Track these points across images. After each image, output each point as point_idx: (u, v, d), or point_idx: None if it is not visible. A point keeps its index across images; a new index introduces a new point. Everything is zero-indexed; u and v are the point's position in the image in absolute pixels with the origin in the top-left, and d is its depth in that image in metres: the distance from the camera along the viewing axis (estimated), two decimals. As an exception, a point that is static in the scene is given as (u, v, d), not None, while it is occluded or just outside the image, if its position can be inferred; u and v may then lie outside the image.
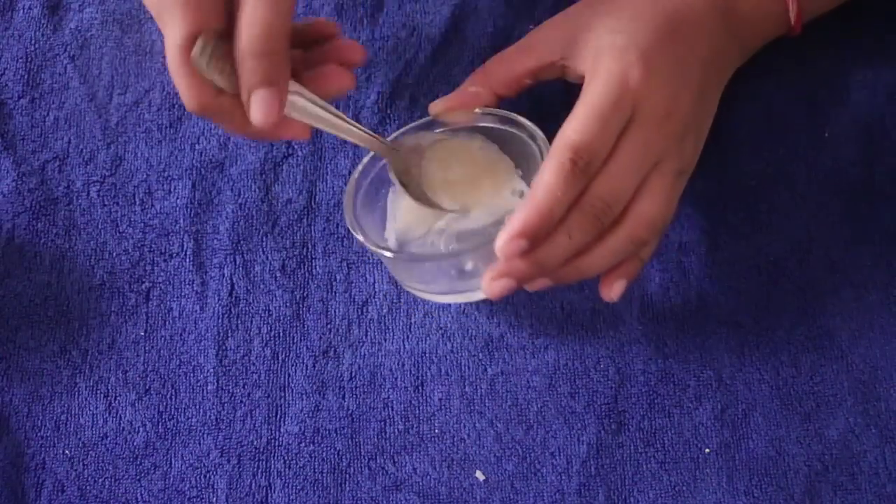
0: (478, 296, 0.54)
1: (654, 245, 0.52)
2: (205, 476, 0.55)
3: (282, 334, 0.57)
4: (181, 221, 0.60)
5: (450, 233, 0.56)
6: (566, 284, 0.55)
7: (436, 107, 0.56)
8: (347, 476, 0.55)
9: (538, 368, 0.56)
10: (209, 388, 0.57)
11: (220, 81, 0.48)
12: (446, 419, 0.56)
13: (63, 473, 0.56)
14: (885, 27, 0.60)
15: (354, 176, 0.55)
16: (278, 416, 0.56)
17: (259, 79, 0.47)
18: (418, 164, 0.55)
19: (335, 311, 0.58)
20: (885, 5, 0.60)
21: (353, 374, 0.57)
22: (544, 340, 0.56)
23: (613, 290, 0.52)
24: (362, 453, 0.55)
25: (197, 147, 0.61)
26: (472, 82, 0.56)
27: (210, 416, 0.56)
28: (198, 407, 0.57)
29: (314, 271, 0.58)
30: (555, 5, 0.61)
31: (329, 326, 0.57)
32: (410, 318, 0.57)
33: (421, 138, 0.56)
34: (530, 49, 0.55)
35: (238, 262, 0.59)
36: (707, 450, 0.54)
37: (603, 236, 0.50)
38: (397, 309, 0.57)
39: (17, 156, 0.61)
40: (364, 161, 0.56)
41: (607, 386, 0.56)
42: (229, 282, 0.58)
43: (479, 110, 0.55)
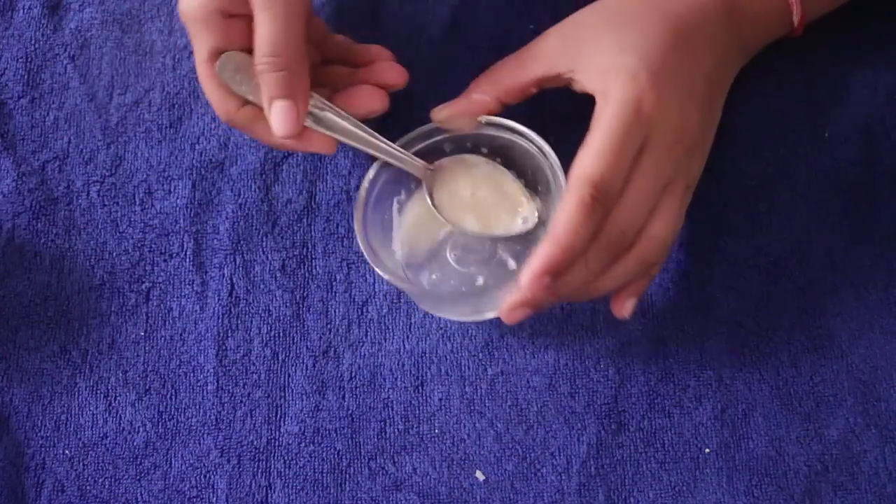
0: (489, 315, 0.55)
1: (663, 262, 0.53)
2: (205, 476, 0.55)
3: (282, 334, 0.57)
4: (181, 221, 0.60)
5: (455, 241, 0.56)
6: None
7: (439, 113, 0.55)
8: (347, 476, 0.55)
9: (538, 368, 0.56)
10: (209, 388, 0.57)
11: (246, 93, 0.52)
12: (446, 419, 0.56)
13: (63, 473, 0.56)
14: (885, 27, 0.60)
15: (361, 195, 0.54)
16: (278, 416, 0.56)
17: (276, 91, 0.51)
18: (451, 183, 0.56)
19: (335, 311, 0.58)
20: (885, 5, 0.60)
21: (353, 374, 0.57)
22: (544, 340, 0.56)
23: (625, 309, 0.53)
24: (362, 453, 0.55)
25: (197, 147, 0.61)
26: (476, 89, 0.55)
27: (210, 416, 0.56)
28: (198, 407, 0.56)
29: (314, 271, 0.58)
30: (555, 6, 0.61)
31: (329, 326, 0.57)
32: (410, 318, 0.57)
33: (453, 160, 0.56)
34: (537, 58, 0.54)
35: (238, 262, 0.59)
36: (707, 450, 0.54)
37: (616, 260, 0.51)
38: (397, 309, 0.57)
39: (17, 156, 0.61)
40: (369, 176, 0.55)
41: (607, 386, 0.56)
42: (229, 282, 0.58)
43: (483, 119, 0.55)
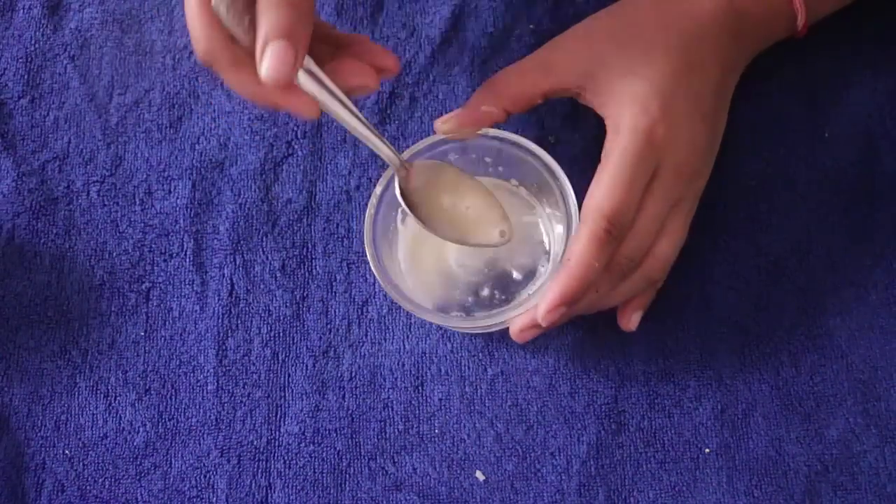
0: (494, 328, 0.55)
1: (666, 275, 0.54)
2: (205, 476, 0.55)
3: (282, 334, 0.57)
4: (181, 221, 0.60)
5: (459, 251, 0.56)
6: None
7: (445, 124, 0.53)
8: (347, 476, 0.55)
9: (538, 368, 0.56)
10: (209, 388, 0.57)
11: (237, 32, 0.45)
12: (446, 419, 0.56)
13: (63, 473, 0.56)
14: (885, 27, 0.60)
15: (370, 212, 0.53)
16: (278, 416, 0.56)
17: (278, 30, 0.44)
18: (429, 187, 0.53)
19: (335, 311, 0.58)
20: (885, 5, 0.60)
21: (353, 374, 0.57)
22: (544, 340, 0.56)
23: (631, 322, 0.54)
24: (362, 453, 0.55)
25: (197, 147, 0.61)
26: (482, 99, 0.53)
27: (210, 416, 0.56)
28: (198, 407, 0.56)
29: (314, 271, 0.58)
30: (555, 6, 0.61)
31: (329, 326, 0.57)
32: (410, 318, 0.57)
33: (432, 165, 0.53)
34: (546, 70, 0.53)
35: (238, 262, 0.59)
36: (707, 450, 0.54)
37: (623, 279, 0.52)
38: (397, 309, 0.57)
39: (17, 156, 0.61)
40: (377, 190, 0.54)
41: (607, 386, 0.56)
42: (229, 282, 0.58)
43: (492, 133, 0.54)
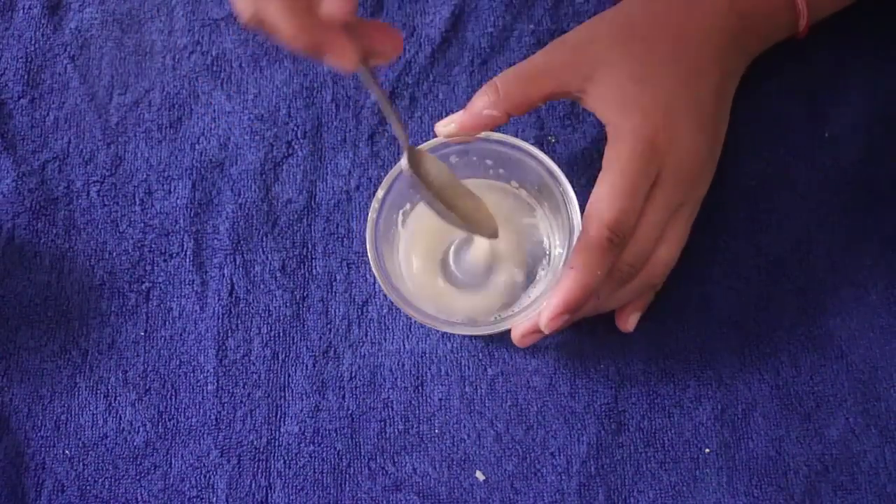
0: (500, 330, 0.54)
1: (665, 278, 0.54)
2: (205, 476, 0.55)
3: (282, 334, 0.57)
4: (181, 221, 0.60)
5: (459, 253, 0.56)
6: None
7: (446, 127, 0.53)
8: (347, 476, 0.55)
9: (538, 368, 0.56)
10: (209, 388, 0.57)
11: None
12: (446, 419, 0.56)
13: (63, 473, 0.56)
14: (885, 27, 0.60)
15: (372, 215, 0.53)
16: (278, 416, 0.56)
17: None
18: (432, 176, 0.51)
19: (335, 311, 0.58)
20: (885, 5, 0.60)
21: (353, 374, 0.57)
22: (544, 340, 0.56)
23: (629, 323, 0.54)
24: (362, 453, 0.55)
25: (197, 147, 0.61)
26: (484, 102, 0.53)
27: (210, 416, 0.56)
28: (198, 407, 0.56)
29: (314, 271, 0.58)
30: (555, 6, 0.61)
31: (329, 326, 0.57)
32: (410, 319, 0.57)
33: (436, 160, 0.52)
34: (547, 74, 0.53)
35: (238, 262, 0.59)
36: (707, 450, 0.54)
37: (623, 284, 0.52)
38: (397, 309, 0.57)
39: (17, 156, 0.61)
40: (379, 193, 0.54)
41: (607, 386, 0.55)
42: (229, 282, 0.58)
43: (493, 137, 0.54)
